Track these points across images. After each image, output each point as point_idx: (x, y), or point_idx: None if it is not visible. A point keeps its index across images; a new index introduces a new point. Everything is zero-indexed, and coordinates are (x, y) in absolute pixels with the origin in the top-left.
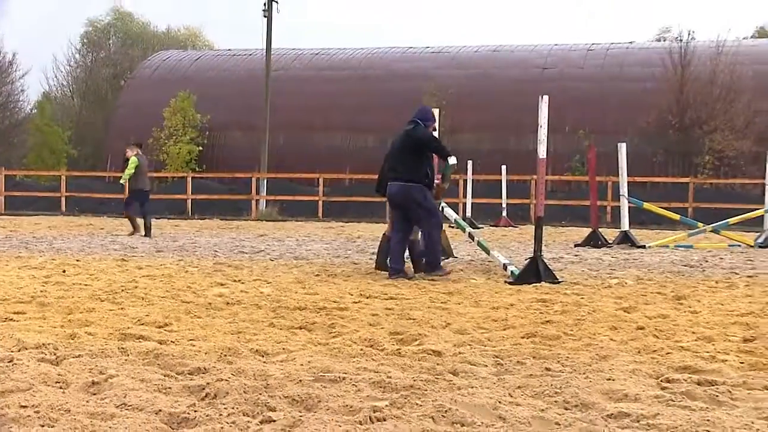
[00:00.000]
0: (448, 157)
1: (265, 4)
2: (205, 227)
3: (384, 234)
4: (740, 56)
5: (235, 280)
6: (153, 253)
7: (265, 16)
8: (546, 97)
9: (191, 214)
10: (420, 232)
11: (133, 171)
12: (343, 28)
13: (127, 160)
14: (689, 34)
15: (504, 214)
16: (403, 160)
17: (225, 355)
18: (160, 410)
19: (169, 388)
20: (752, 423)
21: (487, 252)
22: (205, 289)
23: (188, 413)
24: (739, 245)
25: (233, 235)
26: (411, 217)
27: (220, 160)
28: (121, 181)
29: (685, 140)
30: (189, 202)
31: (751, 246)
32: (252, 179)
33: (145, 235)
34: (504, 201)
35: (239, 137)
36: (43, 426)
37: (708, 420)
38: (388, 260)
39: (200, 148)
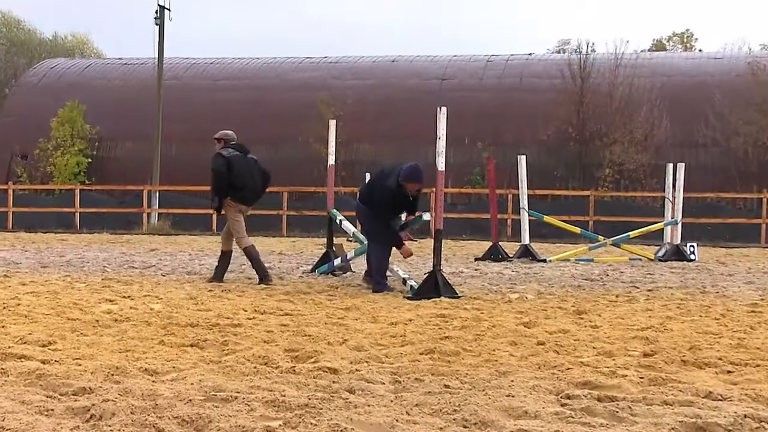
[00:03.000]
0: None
1: (156, 12)
2: (93, 241)
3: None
4: (638, 68)
5: (124, 296)
6: (38, 268)
7: (156, 24)
8: (444, 109)
9: (79, 227)
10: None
11: None
12: (239, 40)
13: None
14: (588, 46)
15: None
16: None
17: (112, 375)
18: None
19: (52, 410)
20: None
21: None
22: (93, 306)
23: None
24: (640, 259)
25: (123, 250)
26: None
27: (110, 172)
28: None
29: (585, 153)
30: (77, 215)
31: (652, 259)
32: (143, 192)
33: None
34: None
35: (130, 148)
36: None
37: None
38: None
39: (89, 159)
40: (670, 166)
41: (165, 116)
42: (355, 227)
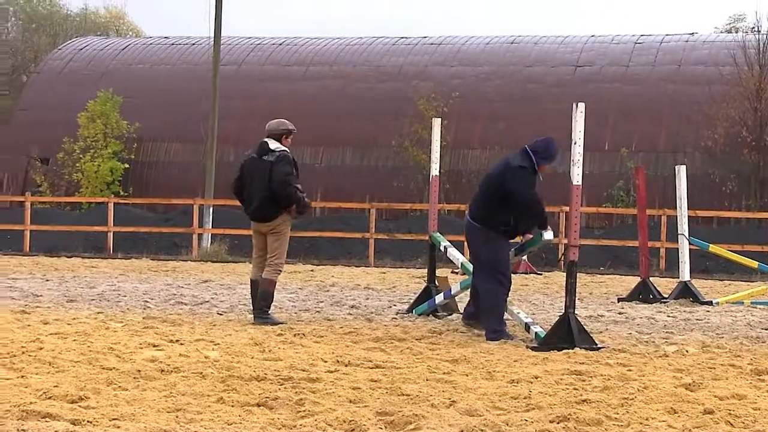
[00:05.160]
0: (544, 231)
1: None
2: (131, 269)
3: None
4: None
5: (171, 341)
6: (63, 302)
7: None
8: (582, 105)
9: (113, 251)
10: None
11: None
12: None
13: None
14: None
15: (524, 257)
16: (482, 199)
17: None
18: None
19: None
20: None
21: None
22: (133, 352)
23: None
24: None
25: (168, 281)
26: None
27: (152, 182)
28: None
29: (764, 162)
30: (110, 235)
31: None
32: (193, 207)
33: None
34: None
35: (178, 152)
36: None
37: None
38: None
39: (126, 165)
40: None
41: (222, 111)
42: (464, 255)
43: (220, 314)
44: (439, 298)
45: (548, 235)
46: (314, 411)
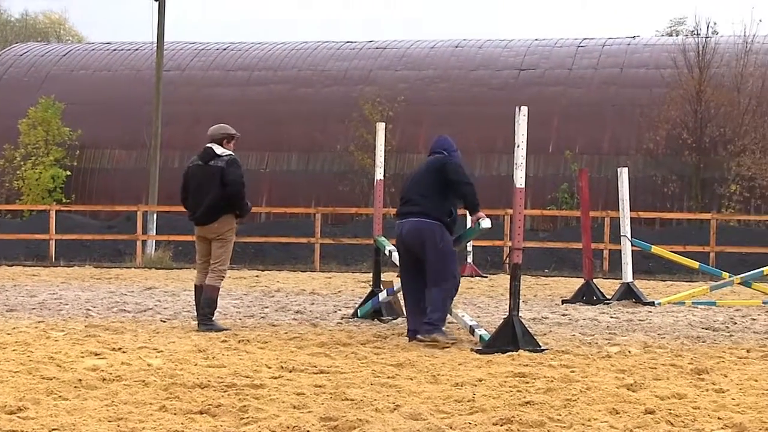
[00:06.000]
0: (481, 219)
1: None
2: (74, 277)
3: (195, 285)
4: None
5: (113, 349)
6: (3, 312)
7: (155, 0)
8: (525, 109)
9: (55, 259)
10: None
11: None
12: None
13: None
14: (709, 27)
15: (469, 260)
16: (423, 192)
17: None
18: None
19: None
20: None
21: (449, 311)
22: (74, 361)
23: None
24: None
25: (112, 288)
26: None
27: (95, 189)
28: None
29: (705, 164)
30: (52, 243)
31: None
32: (137, 213)
33: None
34: (469, 243)
35: (121, 158)
36: None
37: None
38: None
39: (68, 172)
40: None
41: (165, 117)
42: None
43: (164, 321)
44: (383, 295)
45: (485, 223)
46: (258, 417)
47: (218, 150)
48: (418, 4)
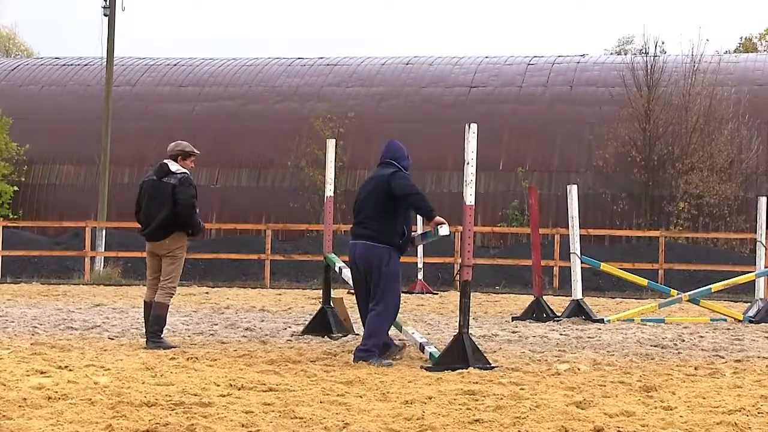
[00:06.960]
0: (439, 225)
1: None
2: (20, 294)
3: (145, 301)
4: (722, 75)
5: (60, 367)
6: None
7: (105, 15)
8: (474, 126)
9: (2, 276)
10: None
11: None
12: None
13: None
14: (657, 46)
15: (420, 276)
16: (373, 212)
17: None
18: None
19: None
20: None
21: (399, 328)
22: (19, 380)
23: None
24: (725, 319)
25: (59, 305)
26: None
27: (43, 204)
28: None
29: (653, 182)
30: None
31: (740, 321)
32: (86, 229)
33: None
34: (419, 259)
35: (70, 173)
36: None
37: None
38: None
39: (15, 188)
40: (763, 200)
41: (115, 133)
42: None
43: (112, 339)
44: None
45: (443, 230)
46: None
47: (173, 167)
48: (369, 21)
